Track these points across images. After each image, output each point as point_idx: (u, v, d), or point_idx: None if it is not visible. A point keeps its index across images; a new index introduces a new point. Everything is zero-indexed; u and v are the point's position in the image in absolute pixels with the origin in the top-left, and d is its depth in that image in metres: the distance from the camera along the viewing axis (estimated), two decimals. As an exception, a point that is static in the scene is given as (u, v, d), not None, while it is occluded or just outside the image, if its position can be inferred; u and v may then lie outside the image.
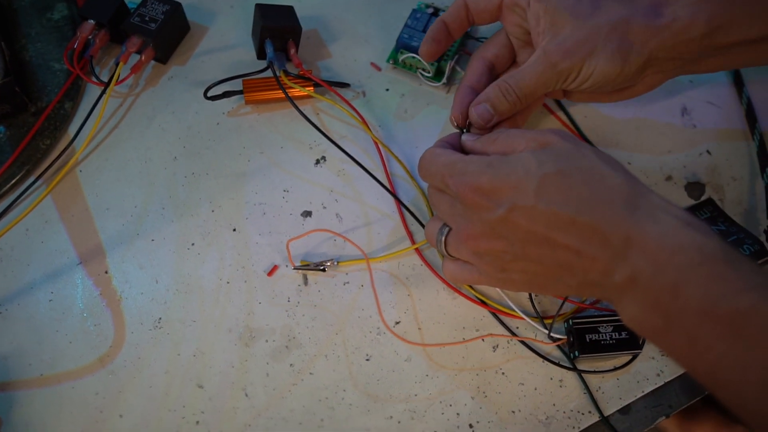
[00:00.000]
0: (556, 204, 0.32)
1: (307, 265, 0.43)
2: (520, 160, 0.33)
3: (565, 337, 0.40)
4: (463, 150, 0.39)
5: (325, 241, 0.45)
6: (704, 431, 0.69)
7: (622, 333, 0.39)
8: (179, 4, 0.49)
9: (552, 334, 0.41)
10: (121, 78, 0.48)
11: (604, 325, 0.39)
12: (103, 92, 0.47)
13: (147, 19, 0.48)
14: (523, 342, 0.42)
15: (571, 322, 0.40)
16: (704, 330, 0.29)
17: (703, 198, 0.47)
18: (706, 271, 0.29)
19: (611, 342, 0.39)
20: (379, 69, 0.51)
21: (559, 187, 0.32)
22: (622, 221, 0.31)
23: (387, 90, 0.50)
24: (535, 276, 0.34)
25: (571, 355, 0.40)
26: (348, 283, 0.43)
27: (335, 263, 0.44)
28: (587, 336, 0.39)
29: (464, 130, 0.41)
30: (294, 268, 0.43)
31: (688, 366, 0.31)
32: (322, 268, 0.43)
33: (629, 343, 0.39)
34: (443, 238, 0.38)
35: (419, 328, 0.42)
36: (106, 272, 0.44)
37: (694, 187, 0.47)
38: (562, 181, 0.32)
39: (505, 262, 0.35)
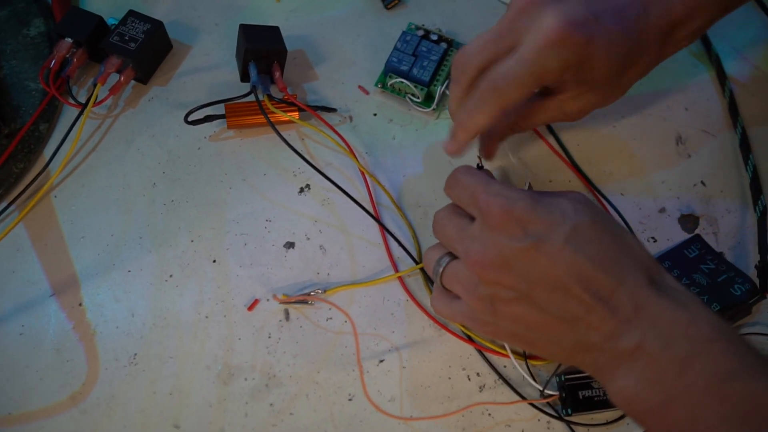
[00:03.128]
0: (584, 253, 0.31)
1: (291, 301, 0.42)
2: (558, 202, 0.33)
3: (557, 393, 0.39)
4: None
5: (308, 272, 0.43)
6: None
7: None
8: (161, 23, 0.48)
9: (547, 391, 0.39)
10: (99, 99, 0.46)
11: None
12: (80, 114, 0.46)
13: (127, 38, 0.47)
14: (509, 384, 0.40)
15: (563, 378, 0.39)
16: (710, 409, 0.28)
17: (697, 231, 0.46)
18: (721, 346, 0.28)
19: (604, 397, 0.38)
20: (367, 92, 0.49)
21: (590, 239, 0.31)
22: (641, 289, 0.30)
23: (375, 115, 0.49)
24: (527, 328, 0.33)
25: (564, 412, 0.39)
26: (331, 318, 0.42)
27: (321, 292, 0.42)
28: (580, 392, 0.38)
29: (481, 166, 0.41)
30: (280, 302, 0.42)
31: None
32: (308, 302, 0.42)
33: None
34: (441, 270, 0.36)
35: (404, 367, 0.41)
36: (80, 304, 0.42)
37: (688, 220, 0.46)
38: (594, 234, 0.31)
39: (501, 304, 0.33)
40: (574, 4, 0.32)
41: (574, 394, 0.39)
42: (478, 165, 0.42)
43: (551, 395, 0.40)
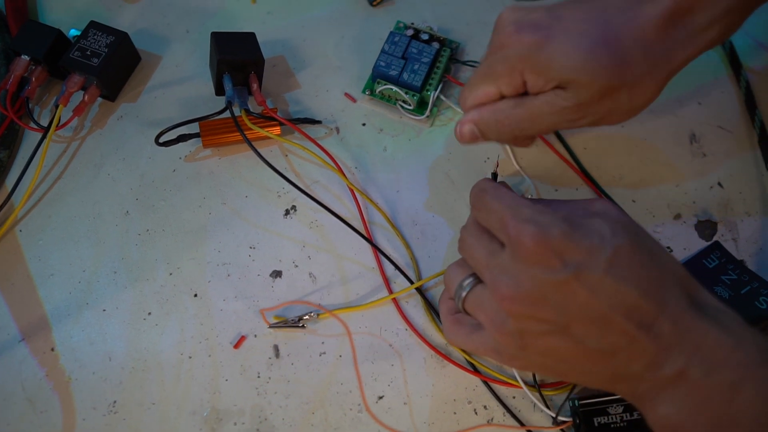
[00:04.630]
0: (626, 280, 0.28)
1: (285, 321, 0.39)
2: (593, 223, 0.30)
3: (570, 419, 0.36)
4: None
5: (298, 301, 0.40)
6: None
7: (635, 413, 0.35)
8: (125, 35, 0.44)
9: (560, 418, 0.36)
10: (62, 121, 0.43)
11: (614, 405, 0.35)
12: (43, 138, 0.42)
13: (89, 53, 0.43)
14: (517, 418, 0.37)
15: (577, 403, 0.36)
16: None
17: (715, 238, 0.42)
18: None
19: (622, 424, 0.35)
20: (354, 100, 0.46)
21: (630, 263, 0.29)
22: (683, 312, 0.28)
23: (363, 125, 0.45)
24: (560, 360, 0.30)
25: (579, 440, 0.36)
26: (324, 353, 0.39)
27: (315, 315, 0.39)
28: (595, 419, 0.35)
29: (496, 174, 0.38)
30: (270, 326, 0.39)
31: None
32: (300, 324, 0.39)
33: (642, 425, 0.35)
34: (464, 294, 0.33)
35: (405, 403, 0.38)
36: (53, 349, 0.39)
37: (705, 226, 0.43)
38: (633, 256, 0.29)
39: (532, 338, 0.30)
40: (531, 11, 0.34)
41: (589, 421, 0.36)
42: (492, 173, 0.38)
43: (564, 422, 0.37)
